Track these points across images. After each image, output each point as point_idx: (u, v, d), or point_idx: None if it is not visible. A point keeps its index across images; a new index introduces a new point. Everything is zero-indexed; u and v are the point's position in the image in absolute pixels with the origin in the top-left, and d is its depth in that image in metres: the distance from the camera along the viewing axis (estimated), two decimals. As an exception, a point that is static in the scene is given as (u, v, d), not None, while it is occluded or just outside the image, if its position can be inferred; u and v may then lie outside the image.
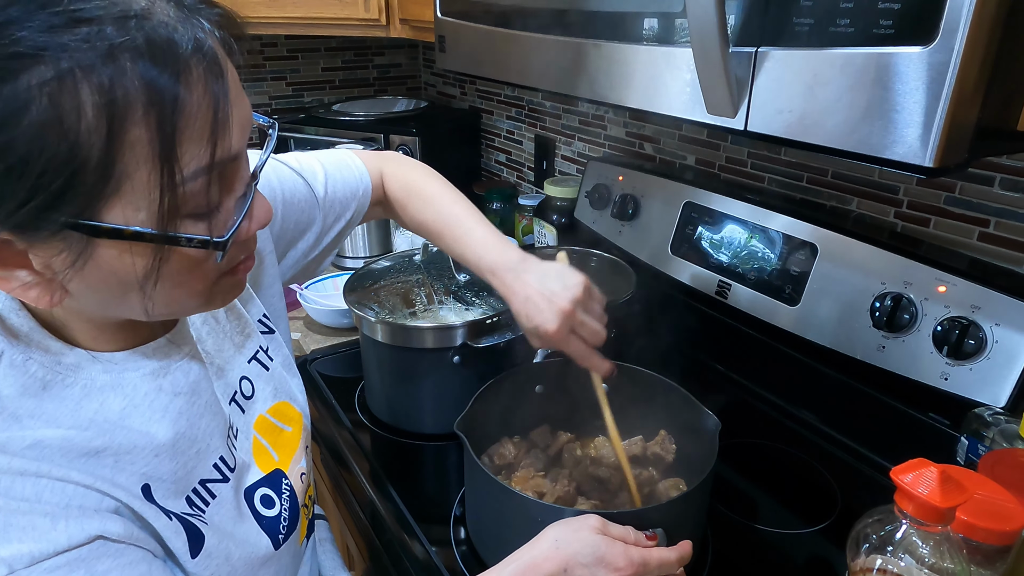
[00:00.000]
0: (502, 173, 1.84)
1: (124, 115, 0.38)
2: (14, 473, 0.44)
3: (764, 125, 0.58)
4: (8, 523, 0.43)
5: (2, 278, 0.42)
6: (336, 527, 1.04)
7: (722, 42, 0.55)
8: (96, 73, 0.37)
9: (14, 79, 0.36)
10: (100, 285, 0.44)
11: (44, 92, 0.36)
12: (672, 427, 0.83)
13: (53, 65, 0.36)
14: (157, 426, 0.52)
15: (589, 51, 0.74)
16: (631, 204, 1.20)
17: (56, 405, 0.47)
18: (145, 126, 0.39)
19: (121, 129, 0.38)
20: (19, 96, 0.36)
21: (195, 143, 0.41)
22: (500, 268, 0.75)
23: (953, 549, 0.53)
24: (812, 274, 0.93)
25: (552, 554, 0.58)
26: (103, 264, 0.42)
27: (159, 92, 0.39)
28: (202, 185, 0.43)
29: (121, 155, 0.39)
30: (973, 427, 0.74)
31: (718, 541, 0.79)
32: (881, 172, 0.95)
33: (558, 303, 0.70)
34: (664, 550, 0.62)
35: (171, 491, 0.52)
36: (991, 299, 0.76)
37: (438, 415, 0.96)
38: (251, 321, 0.68)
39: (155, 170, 0.40)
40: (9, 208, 0.38)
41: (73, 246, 0.41)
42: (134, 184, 0.40)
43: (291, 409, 0.69)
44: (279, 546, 0.61)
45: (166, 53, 0.39)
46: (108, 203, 0.40)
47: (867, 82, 0.50)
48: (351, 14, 1.39)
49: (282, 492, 0.63)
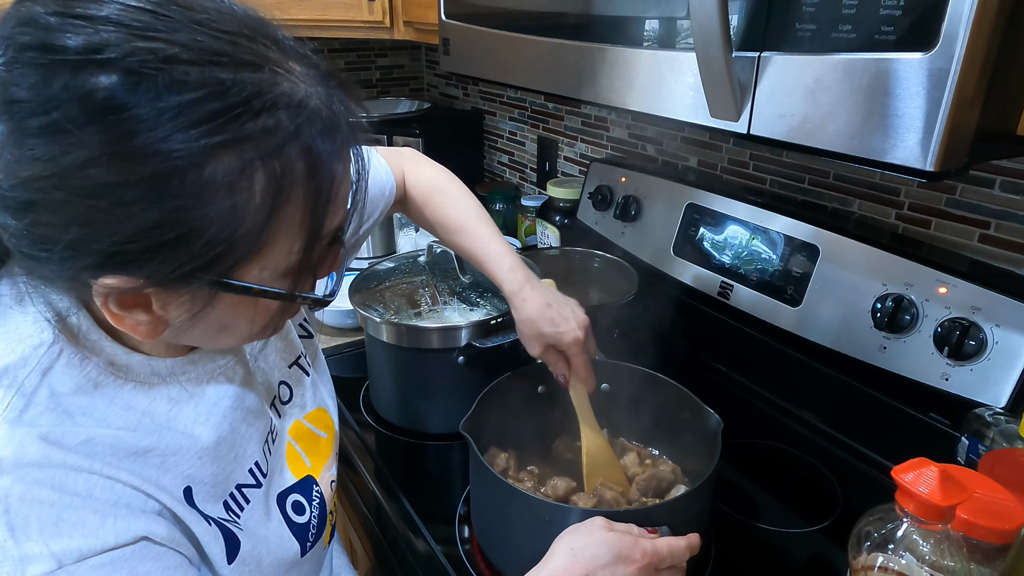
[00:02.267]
0: (505, 174, 1.85)
1: (288, 198, 0.41)
2: (68, 468, 0.44)
3: (767, 129, 0.59)
4: (60, 518, 0.43)
5: (118, 316, 0.43)
6: (341, 526, 1.04)
7: (725, 46, 0.56)
8: (271, 162, 0.40)
9: (202, 166, 0.38)
10: (204, 327, 0.46)
11: (226, 180, 0.39)
12: (674, 427, 0.83)
13: (238, 155, 0.39)
14: (202, 428, 0.53)
15: (592, 54, 0.75)
16: (633, 205, 1.20)
17: (107, 405, 0.48)
18: (302, 205, 0.42)
19: (282, 209, 0.41)
20: (203, 181, 0.38)
21: (338, 216, 0.46)
22: (521, 275, 0.79)
23: (953, 547, 0.53)
24: (814, 275, 0.93)
25: (571, 564, 0.58)
26: (219, 313, 0.45)
27: (320, 176, 0.42)
28: (327, 246, 0.47)
29: (274, 228, 0.42)
30: (973, 427, 0.74)
31: (720, 540, 0.80)
32: (882, 175, 0.96)
33: (581, 315, 0.78)
34: (672, 538, 0.63)
35: (210, 495, 0.53)
36: (991, 300, 0.77)
37: (443, 415, 0.97)
38: (292, 326, 0.69)
39: (299, 240, 0.43)
40: (167, 270, 0.40)
41: (199, 298, 0.43)
42: (276, 249, 0.43)
43: (327, 416, 0.70)
44: (306, 552, 0.61)
45: (329, 138, 0.43)
46: (247, 265, 0.43)
47: (868, 87, 0.51)
48: (355, 16, 1.40)
49: (313, 499, 0.64)
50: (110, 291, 0.41)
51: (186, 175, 0.38)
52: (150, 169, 0.37)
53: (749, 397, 1.06)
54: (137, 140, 0.37)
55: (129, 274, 0.40)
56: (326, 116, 0.43)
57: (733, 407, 0.98)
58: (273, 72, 0.41)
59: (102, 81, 0.36)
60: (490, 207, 1.67)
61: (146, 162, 0.37)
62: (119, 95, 0.36)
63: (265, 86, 0.40)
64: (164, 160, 0.37)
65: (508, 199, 1.67)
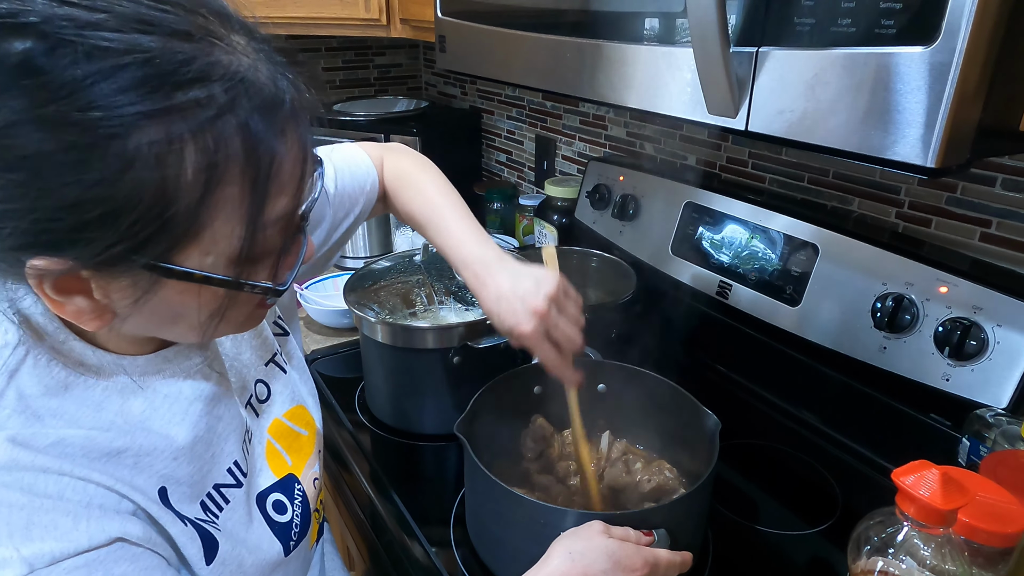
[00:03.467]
0: (503, 173, 1.84)
1: (222, 176, 0.39)
2: (37, 470, 0.43)
3: (765, 125, 0.58)
4: (31, 521, 0.42)
5: (58, 303, 0.42)
6: (336, 528, 1.03)
7: (723, 42, 0.55)
8: (203, 135, 0.38)
9: (125, 137, 0.36)
10: (153, 316, 0.45)
11: (152, 152, 0.37)
12: (671, 428, 0.83)
13: (164, 127, 0.37)
14: (177, 428, 0.52)
15: (590, 51, 0.74)
16: (632, 204, 1.19)
17: (77, 406, 0.47)
18: (239, 184, 0.40)
19: (217, 188, 0.39)
20: (127, 154, 0.36)
21: (280, 197, 0.43)
22: (473, 263, 0.72)
23: (955, 551, 0.52)
24: (813, 274, 0.93)
25: (569, 568, 0.57)
26: (163, 300, 0.43)
27: (258, 154, 0.40)
28: (275, 233, 0.45)
29: (210, 209, 0.40)
30: (974, 428, 0.74)
31: (718, 542, 0.79)
32: (882, 172, 0.95)
33: (531, 302, 0.67)
34: (669, 552, 0.62)
35: (187, 495, 0.52)
36: (993, 300, 0.76)
37: (438, 415, 0.96)
38: (266, 323, 0.68)
39: (239, 224, 0.41)
40: (95, 250, 0.38)
41: (140, 283, 0.41)
42: (215, 233, 0.41)
43: (307, 413, 0.69)
44: (290, 552, 0.60)
45: (269, 115, 0.41)
46: (186, 249, 0.41)
47: (869, 82, 0.50)
48: (352, 14, 1.39)
49: (294, 498, 0.63)
50: (42, 274, 0.39)
51: (108, 147, 0.36)
52: (68, 140, 0.35)
53: (747, 397, 1.05)
54: (52, 108, 0.35)
55: (57, 255, 0.38)
56: (268, 92, 0.41)
57: (731, 408, 0.97)
58: (210, 43, 0.39)
59: (16, 46, 0.34)
60: (488, 206, 1.67)
61: (63, 132, 0.35)
62: (34, 60, 0.34)
63: (198, 56, 0.38)
64: (83, 130, 0.35)
65: (506, 198, 1.66)
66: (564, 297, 0.70)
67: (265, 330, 0.67)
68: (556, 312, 0.69)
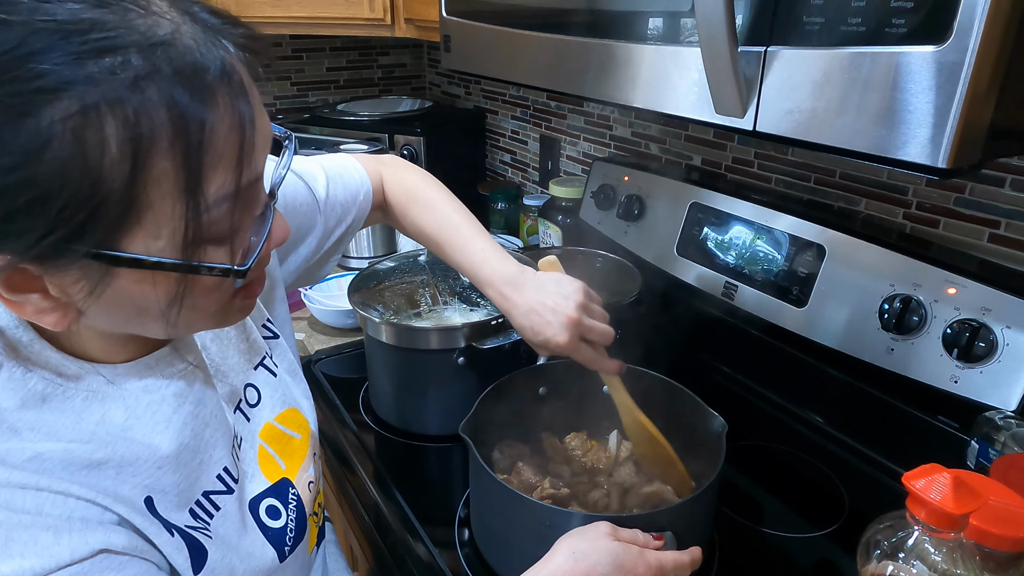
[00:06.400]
0: (507, 173, 1.84)
1: (150, 148, 0.37)
2: (14, 486, 0.43)
3: (773, 125, 0.57)
4: (10, 538, 0.42)
5: (15, 303, 0.41)
6: (340, 528, 1.03)
7: (731, 41, 0.55)
8: (122, 106, 0.36)
9: (37, 114, 0.34)
10: (116, 309, 0.44)
11: (68, 127, 0.35)
12: (678, 430, 0.82)
13: (78, 99, 0.35)
14: (160, 437, 0.51)
15: (595, 51, 0.74)
16: (637, 205, 1.19)
17: (56, 418, 0.46)
18: (171, 158, 0.38)
19: (146, 162, 0.37)
20: (42, 131, 0.34)
21: (221, 171, 0.41)
22: (496, 281, 0.74)
23: (966, 556, 0.52)
24: (820, 275, 0.92)
25: (571, 567, 0.56)
26: (121, 291, 0.42)
27: (186, 123, 0.38)
28: (226, 211, 0.42)
29: (145, 188, 0.38)
30: (983, 431, 0.73)
31: (724, 545, 0.78)
32: (890, 173, 0.94)
33: (564, 312, 0.70)
34: (677, 553, 0.62)
35: (174, 503, 0.51)
36: (1002, 301, 0.75)
37: (442, 416, 0.96)
38: (255, 327, 0.67)
39: (179, 201, 0.39)
40: (29, 241, 0.36)
41: (91, 275, 0.40)
42: (157, 215, 0.39)
43: (300, 416, 0.68)
44: (284, 558, 0.59)
45: (193, 81, 0.38)
46: (129, 234, 0.39)
47: (879, 82, 0.49)
48: (356, 14, 1.39)
49: (288, 502, 0.62)
50: None
51: (20, 125, 0.34)
52: None
53: (754, 399, 1.05)
54: None
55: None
56: (193, 59, 0.38)
57: (737, 409, 0.97)
58: (124, 9, 0.37)
59: None
60: (492, 206, 1.66)
61: None
62: None
63: (111, 23, 0.36)
64: None
65: (510, 198, 1.66)
66: (589, 301, 0.73)
67: (253, 333, 0.66)
68: (586, 316, 0.71)
